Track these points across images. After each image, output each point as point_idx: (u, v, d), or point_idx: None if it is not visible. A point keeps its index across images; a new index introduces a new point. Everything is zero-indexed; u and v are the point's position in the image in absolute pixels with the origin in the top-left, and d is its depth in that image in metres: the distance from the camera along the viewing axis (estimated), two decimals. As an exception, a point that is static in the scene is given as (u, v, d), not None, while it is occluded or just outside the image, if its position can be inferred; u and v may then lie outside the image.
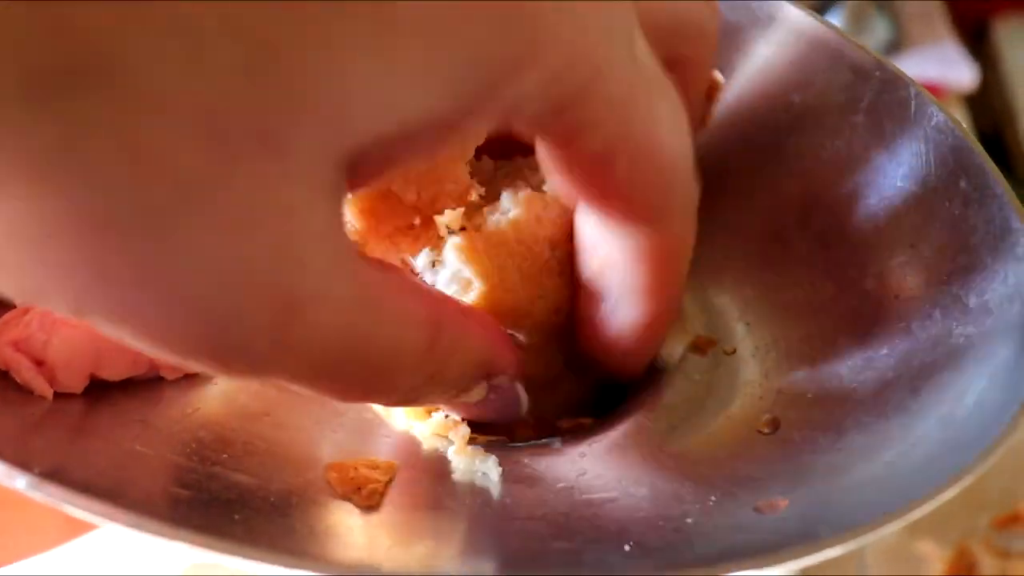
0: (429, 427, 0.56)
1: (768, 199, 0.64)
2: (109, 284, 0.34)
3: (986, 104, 1.54)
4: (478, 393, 0.48)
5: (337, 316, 0.37)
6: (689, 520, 0.51)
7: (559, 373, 0.58)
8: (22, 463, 0.45)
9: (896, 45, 1.52)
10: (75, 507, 0.44)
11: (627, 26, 0.41)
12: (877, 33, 1.52)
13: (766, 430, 0.55)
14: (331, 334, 0.38)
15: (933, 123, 0.58)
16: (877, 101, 0.60)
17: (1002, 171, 0.56)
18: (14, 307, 0.56)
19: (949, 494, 0.44)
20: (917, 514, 0.44)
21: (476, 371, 0.47)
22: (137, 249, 0.33)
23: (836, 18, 1.50)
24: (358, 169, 0.37)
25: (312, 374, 0.40)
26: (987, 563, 0.85)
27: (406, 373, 0.42)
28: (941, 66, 1.48)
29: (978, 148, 0.56)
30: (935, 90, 1.46)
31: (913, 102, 0.59)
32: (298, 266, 0.36)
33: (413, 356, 0.41)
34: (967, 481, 0.44)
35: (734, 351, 0.59)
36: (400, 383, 0.42)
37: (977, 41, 1.61)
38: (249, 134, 0.32)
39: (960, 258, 0.55)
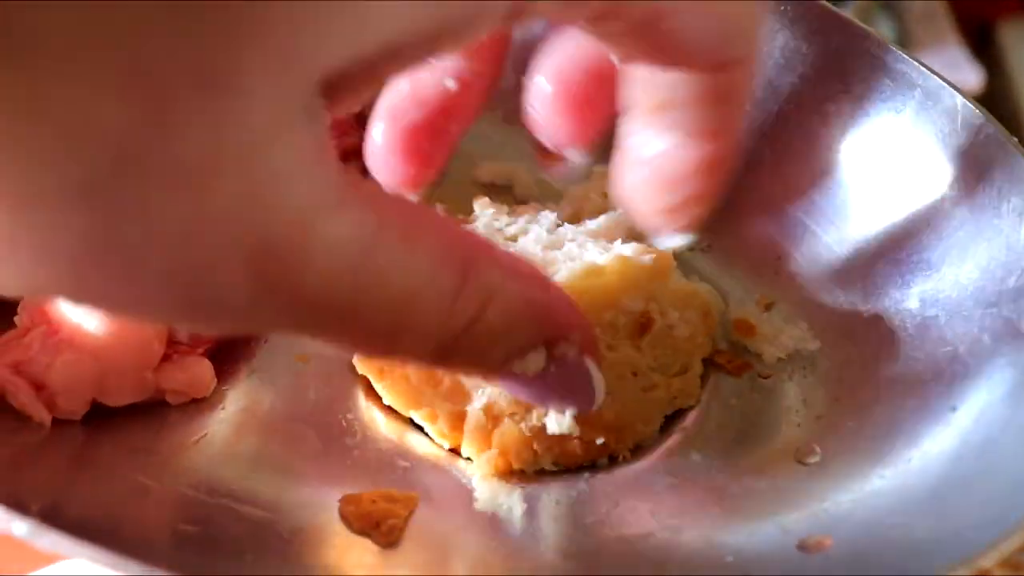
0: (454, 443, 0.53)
1: (802, 209, 0.61)
2: (57, 262, 0.30)
3: (992, 107, 1.52)
4: (535, 362, 0.40)
5: (329, 257, 0.33)
6: (730, 559, 0.48)
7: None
8: (19, 498, 0.42)
9: (900, 46, 1.49)
10: (76, 554, 0.41)
11: None
12: (881, 32, 1.50)
13: (807, 460, 0.52)
14: (325, 277, 0.33)
15: (982, 136, 0.55)
16: (920, 111, 0.58)
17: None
18: (14, 326, 0.53)
19: (1014, 542, 0.41)
20: (980, 563, 0.41)
21: (528, 330, 0.39)
22: (80, 224, 0.29)
23: (843, 19, 1.48)
24: (339, 89, 0.33)
25: (316, 323, 0.35)
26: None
27: (431, 321, 0.36)
28: (946, 69, 1.46)
29: (1026, 157, 0.53)
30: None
31: (960, 114, 0.56)
32: (267, 208, 0.31)
33: (437, 301, 0.36)
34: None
35: (770, 376, 0.56)
36: (427, 333, 0.36)
37: (981, 43, 1.59)
38: (183, 76, 0.28)
39: (1010, 279, 0.52)
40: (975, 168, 0.55)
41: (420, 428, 0.55)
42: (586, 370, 0.43)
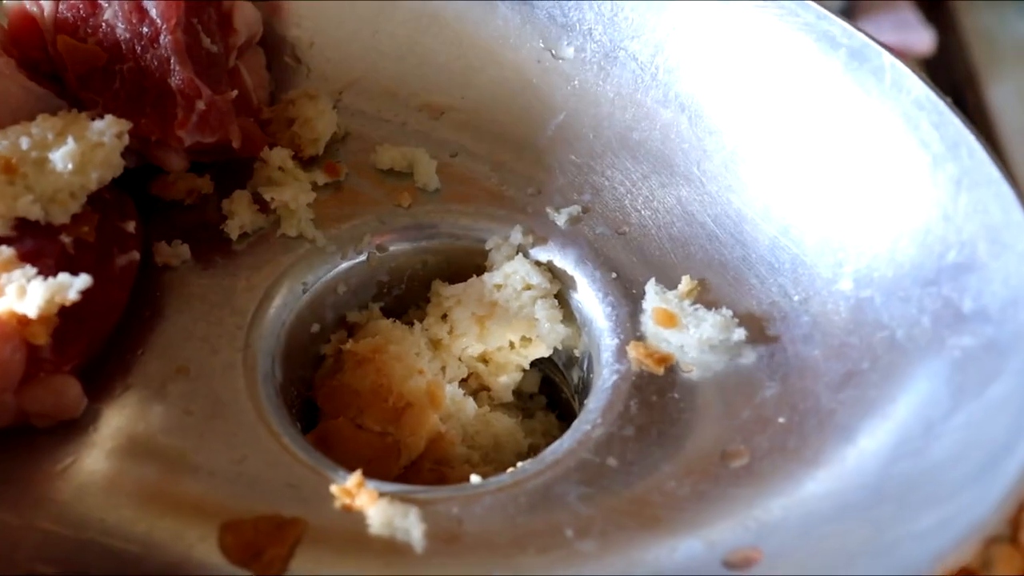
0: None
1: (723, 183, 0.56)
2: None
3: (944, 68, 1.49)
4: None
5: None
6: (649, 580, 0.43)
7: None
8: None
9: (851, 11, 1.47)
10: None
11: None
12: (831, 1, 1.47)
13: (733, 463, 0.48)
14: None
15: (912, 96, 0.50)
16: (846, 71, 0.53)
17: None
18: None
19: (959, 557, 0.37)
20: (922, 579, 0.37)
21: None
22: None
23: (789, -18, 1.44)
24: None
25: None
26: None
27: None
28: (898, 31, 1.45)
29: (969, 124, 0.48)
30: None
31: (888, 73, 0.51)
32: None
33: None
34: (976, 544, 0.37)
35: (692, 369, 0.51)
36: None
37: (931, 5, 1.56)
38: None
39: (949, 254, 0.48)
40: (906, 132, 0.50)
41: (309, 444, 0.50)
42: None
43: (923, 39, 1.45)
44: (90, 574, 0.45)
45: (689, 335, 0.52)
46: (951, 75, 1.51)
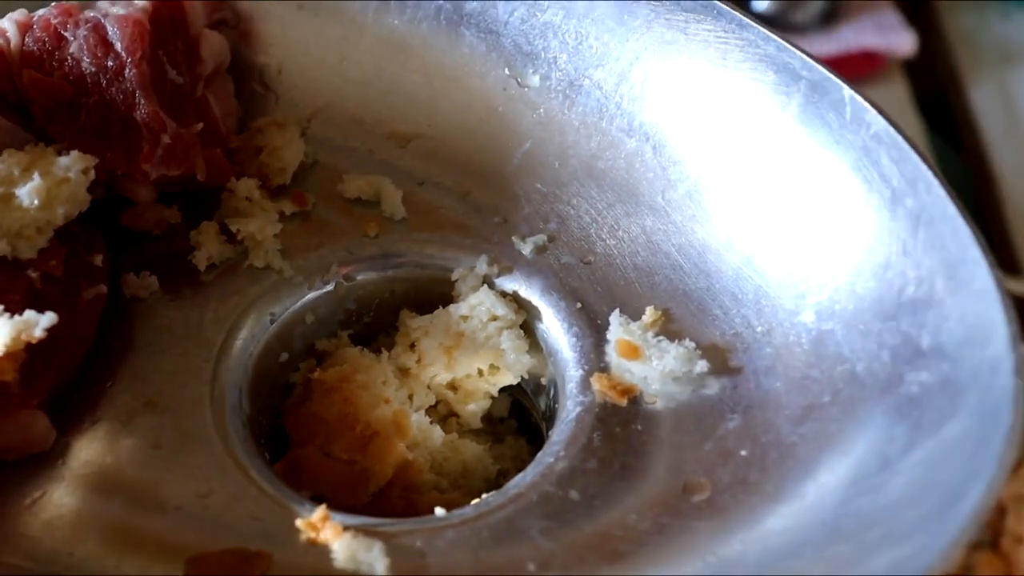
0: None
1: (687, 214, 0.56)
2: None
3: (927, 70, 1.49)
4: None
5: None
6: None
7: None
8: None
9: (833, 14, 1.47)
10: None
11: None
12: (814, 2, 1.47)
13: (695, 497, 0.48)
14: None
15: (872, 131, 0.51)
16: (807, 105, 0.53)
17: (945, 137, 0.49)
18: None
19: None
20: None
21: None
22: None
23: (770, -14, 1.44)
24: None
25: None
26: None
27: None
28: (880, 33, 1.45)
29: (927, 160, 0.48)
30: (875, 58, 1.43)
31: (848, 107, 0.51)
32: None
33: None
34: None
35: (655, 401, 0.52)
36: None
37: (913, 7, 1.56)
38: None
39: (908, 289, 0.48)
40: (866, 167, 0.50)
41: (276, 477, 0.51)
42: None
43: (905, 41, 1.45)
44: (57, 614, 0.45)
45: (652, 367, 0.52)
46: (933, 77, 1.51)
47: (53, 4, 0.56)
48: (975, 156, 1.27)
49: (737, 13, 0.55)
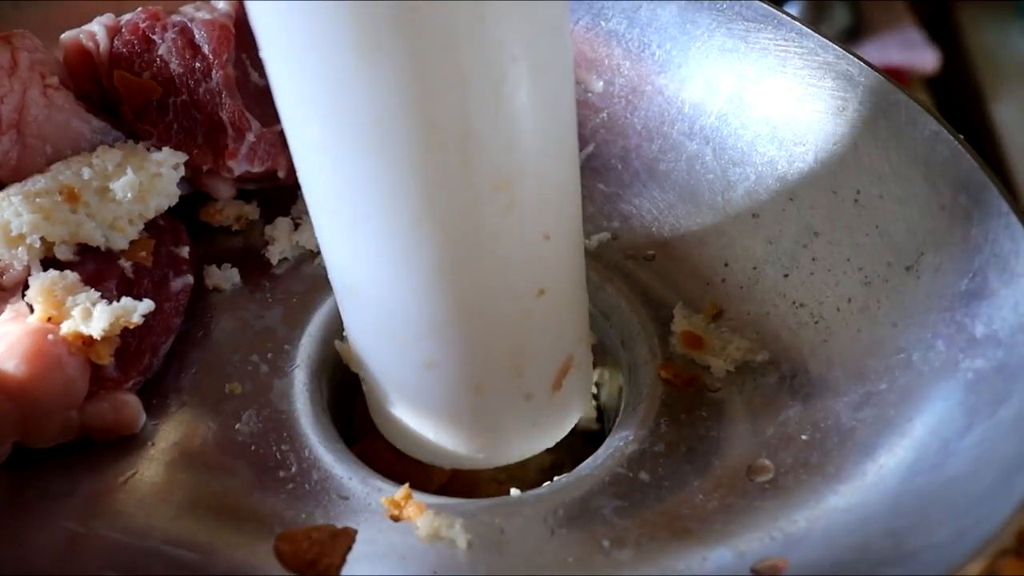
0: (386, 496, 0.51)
1: (748, 214, 0.59)
2: None
3: (950, 86, 1.51)
4: None
5: None
6: (683, 586, 0.46)
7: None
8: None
9: (856, 31, 1.49)
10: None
11: None
12: (837, 20, 1.50)
13: (759, 478, 0.50)
14: None
15: (926, 134, 0.53)
16: (862, 109, 0.55)
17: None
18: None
19: (973, 568, 0.40)
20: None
21: None
22: None
23: (795, 5, 1.47)
24: None
25: None
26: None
27: None
28: (903, 50, 1.47)
29: (979, 160, 0.51)
30: (899, 74, 1.44)
31: (904, 110, 0.54)
32: None
33: None
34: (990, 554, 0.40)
35: (719, 389, 0.54)
36: None
37: (935, 24, 1.58)
38: None
39: (963, 282, 0.50)
40: (922, 167, 0.53)
41: (357, 459, 0.53)
42: None
43: (928, 58, 1.47)
44: (157, 581, 0.48)
45: (716, 356, 0.55)
46: (956, 93, 1.53)
47: (140, 8, 0.59)
48: (998, 171, 1.30)
49: (797, 23, 0.57)
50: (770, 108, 0.58)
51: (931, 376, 0.50)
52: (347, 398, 0.60)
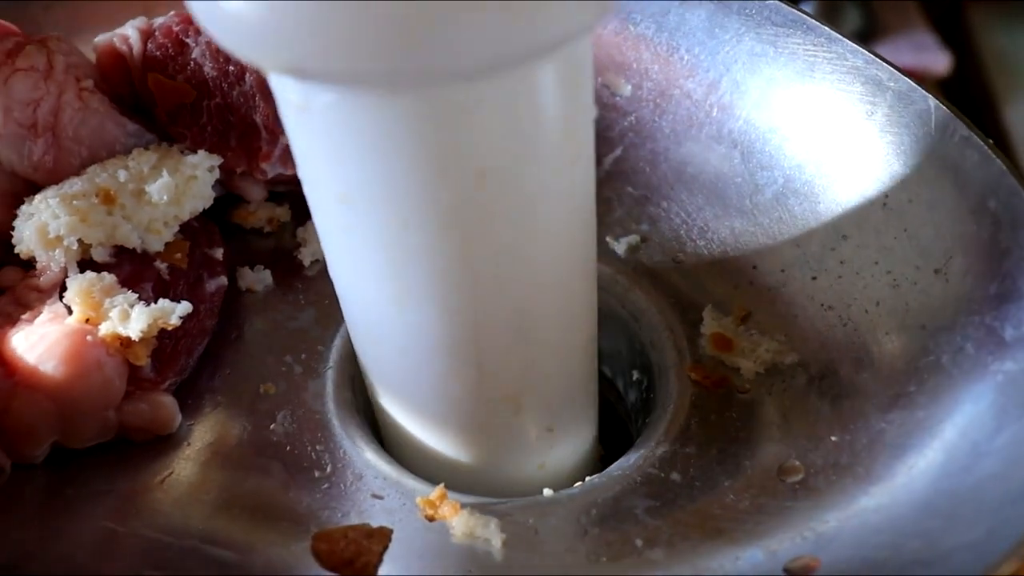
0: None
1: (775, 218, 0.59)
2: None
3: (962, 89, 1.52)
4: None
5: None
6: (716, 586, 0.47)
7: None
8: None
9: (869, 33, 1.49)
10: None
11: None
12: (849, 22, 1.50)
13: (790, 478, 0.51)
14: None
15: (956, 139, 0.54)
16: (891, 114, 0.56)
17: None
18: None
19: (1006, 569, 0.40)
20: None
21: None
22: None
23: (808, 6, 1.47)
24: None
25: None
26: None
27: None
28: (915, 53, 1.47)
29: (1008, 165, 0.51)
30: (911, 77, 1.44)
31: (933, 115, 0.55)
32: None
33: None
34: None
35: (748, 391, 0.55)
36: None
37: (947, 27, 1.59)
38: None
39: (992, 286, 0.51)
40: (951, 172, 0.53)
41: (392, 459, 0.54)
42: None
43: (940, 61, 1.47)
44: (193, 578, 0.48)
45: (745, 358, 0.55)
46: (968, 96, 1.53)
47: (173, 12, 0.60)
48: (1010, 173, 1.29)
49: (826, 27, 0.58)
50: (798, 112, 0.59)
51: (960, 378, 0.50)
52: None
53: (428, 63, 0.35)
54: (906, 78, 0.55)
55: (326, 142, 0.40)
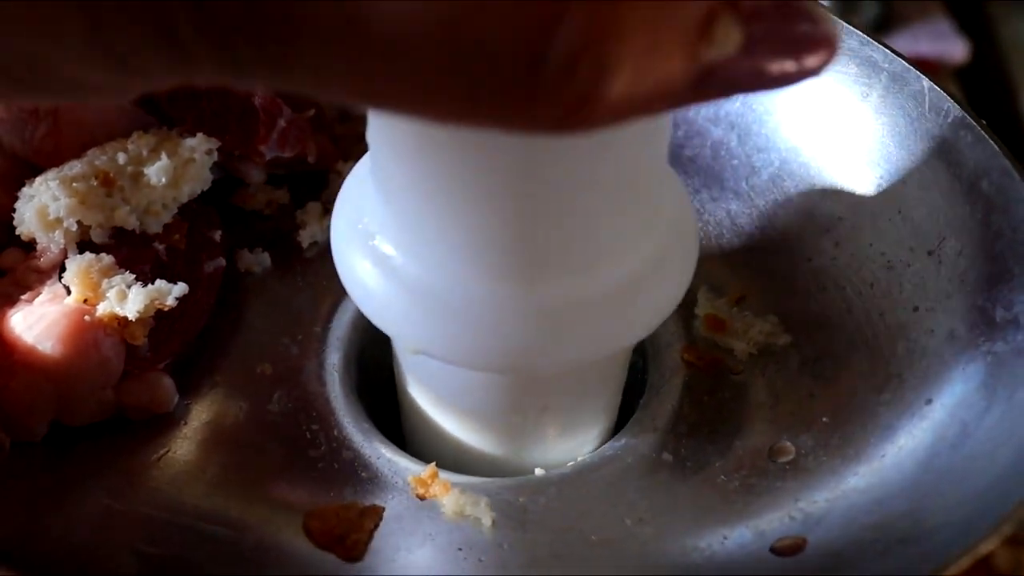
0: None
1: (769, 198, 0.59)
2: None
3: (980, 79, 1.51)
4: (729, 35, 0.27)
5: None
6: (704, 563, 0.47)
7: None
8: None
9: (885, 22, 1.49)
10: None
11: None
12: (866, 10, 1.49)
13: (780, 459, 0.51)
14: None
15: (949, 120, 0.54)
16: (887, 95, 0.56)
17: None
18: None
19: (989, 544, 0.40)
20: (958, 565, 0.40)
21: None
22: None
23: (825, -6, 1.47)
24: None
25: None
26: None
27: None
28: (933, 42, 1.46)
29: (1002, 147, 0.51)
30: (929, 65, 1.44)
31: (927, 96, 0.55)
32: None
33: None
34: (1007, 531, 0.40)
35: (741, 372, 0.55)
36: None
37: (965, 15, 1.58)
38: None
39: (984, 267, 0.51)
40: (945, 153, 0.53)
41: (386, 438, 0.54)
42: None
43: (958, 49, 1.47)
44: (190, 555, 0.49)
45: (738, 340, 0.56)
46: (986, 84, 1.52)
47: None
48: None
49: (820, 9, 0.58)
50: (795, 94, 0.59)
51: (951, 359, 0.51)
52: (376, 379, 0.60)
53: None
54: (901, 60, 0.55)
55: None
